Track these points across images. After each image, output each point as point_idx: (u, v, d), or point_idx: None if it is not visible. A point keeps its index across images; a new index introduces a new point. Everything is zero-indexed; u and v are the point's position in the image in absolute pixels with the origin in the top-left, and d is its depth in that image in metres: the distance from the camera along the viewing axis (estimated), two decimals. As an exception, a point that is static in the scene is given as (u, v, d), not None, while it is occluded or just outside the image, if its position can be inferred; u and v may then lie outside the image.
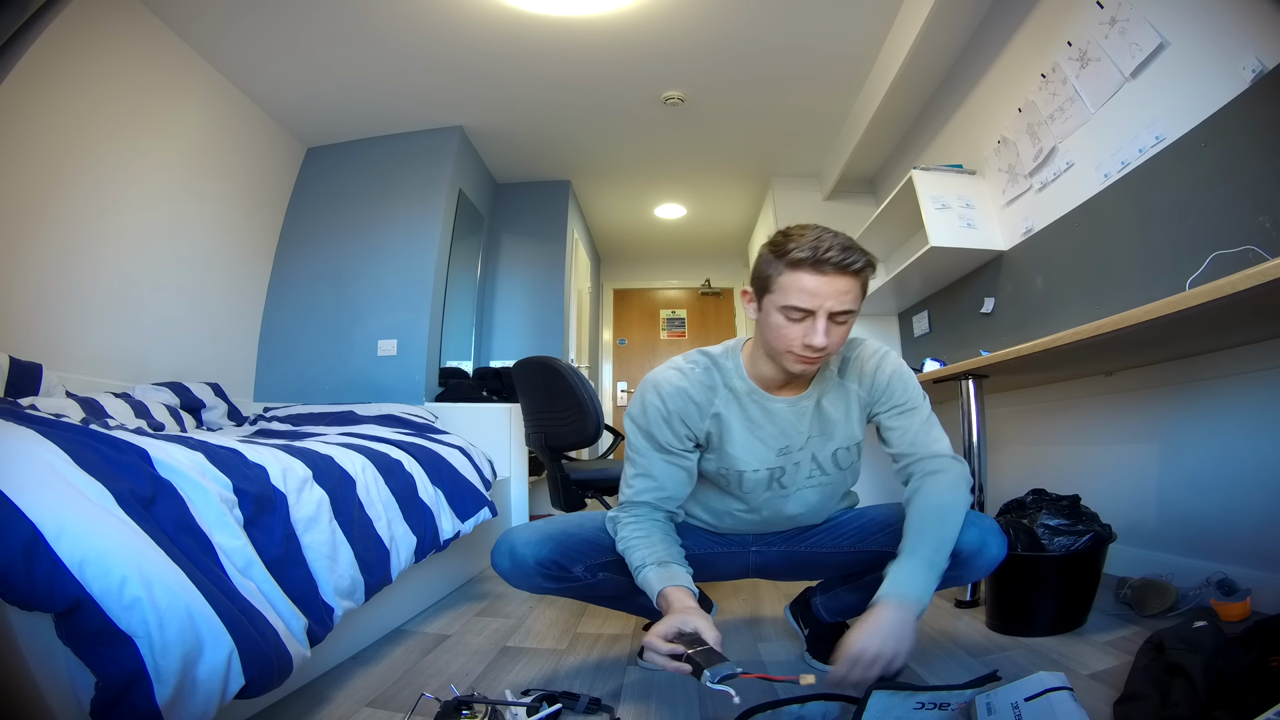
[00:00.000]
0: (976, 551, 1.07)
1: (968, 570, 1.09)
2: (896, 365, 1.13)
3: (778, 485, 1.13)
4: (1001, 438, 2.29)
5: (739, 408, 1.09)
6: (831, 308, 0.95)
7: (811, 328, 0.96)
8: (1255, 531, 1.40)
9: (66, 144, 2.06)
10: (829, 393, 1.12)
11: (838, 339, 0.99)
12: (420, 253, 3.18)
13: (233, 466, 1.06)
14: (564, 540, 1.13)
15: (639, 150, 3.75)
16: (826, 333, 0.96)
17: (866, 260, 0.97)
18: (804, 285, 0.95)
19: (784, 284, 0.97)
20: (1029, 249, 2.24)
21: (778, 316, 0.98)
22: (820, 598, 1.30)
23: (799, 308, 0.95)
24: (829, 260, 0.93)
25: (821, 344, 0.96)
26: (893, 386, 1.11)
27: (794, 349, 0.98)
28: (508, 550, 1.12)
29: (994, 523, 1.13)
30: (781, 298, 0.97)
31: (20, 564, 0.67)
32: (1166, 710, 0.83)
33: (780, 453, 1.11)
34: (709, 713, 1.05)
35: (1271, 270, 0.86)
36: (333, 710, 1.07)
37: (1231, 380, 1.48)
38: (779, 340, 1.00)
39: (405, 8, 2.43)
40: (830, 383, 1.12)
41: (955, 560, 1.04)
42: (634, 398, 1.13)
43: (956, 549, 1.03)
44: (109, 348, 2.22)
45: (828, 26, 2.58)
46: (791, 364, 1.01)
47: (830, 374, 1.13)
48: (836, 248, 0.94)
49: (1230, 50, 1.41)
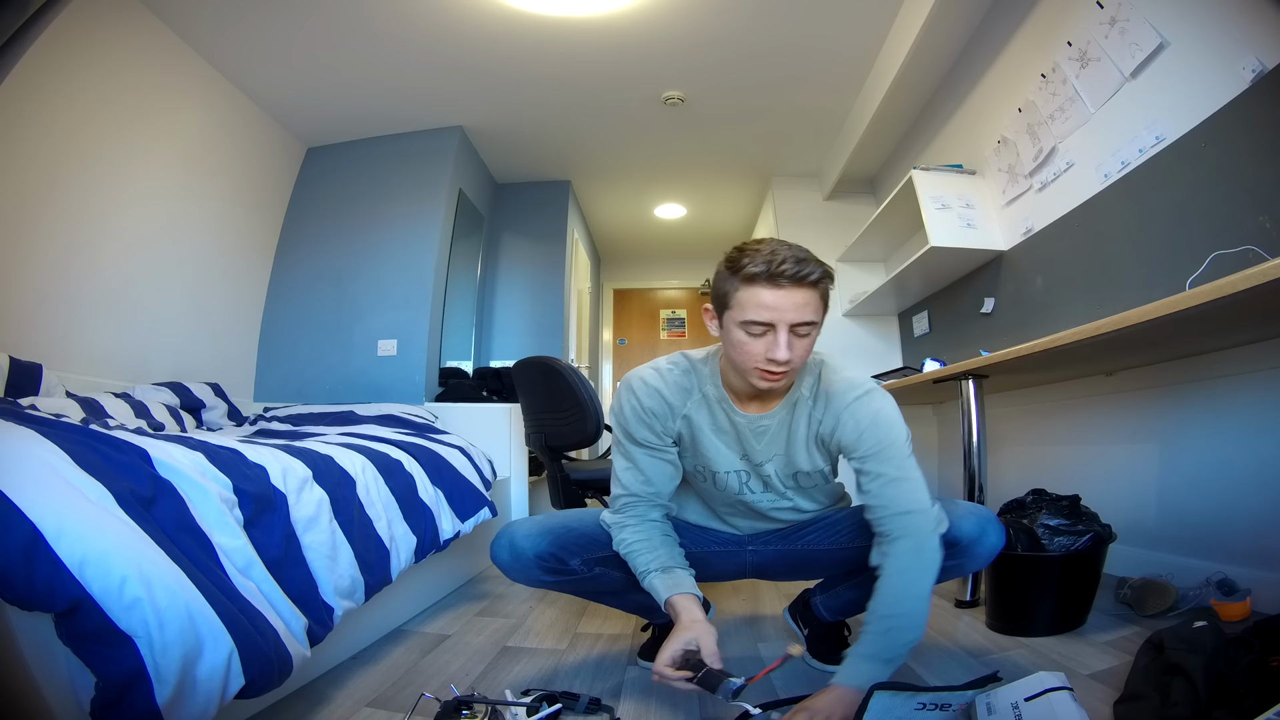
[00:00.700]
0: (976, 539, 1.09)
1: (968, 559, 1.10)
2: (872, 415, 1.03)
3: (748, 489, 1.16)
4: (1001, 438, 2.29)
5: (708, 412, 1.12)
6: (791, 319, 0.94)
7: (773, 342, 0.95)
8: (1255, 531, 1.40)
9: (66, 144, 2.06)
10: (797, 416, 1.09)
11: (801, 352, 0.98)
12: (420, 253, 3.18)
13: (233, 466, 1.06)
14: (563, 534, 1.15)
15: (639, 150, 3.75)
16: (789, 346, 0.95)
17: (823, 271, 0.96)
18: (761, 300, 0.94)
19: (741, 300, 0.96)
20: (1029, 249, 2.24)
21: (738, 333, 0.97)
22: (820, 597, 1.30)
23: (758, 321, 0.95)
24: (784, 274, 0.93)
25: (784, 358, 0.95)
26: (864, 439, 1.03)
27: (759, 364, 0.98)
28: (508, 542, 1.14)
29: (991, 513, 1.15)
30: (740, 313, 0.96)
31: (20, 564, 0.67)
32: (1166, 710, 0.83)
33: (743, 458, 1.13)
34: (709, 713, 1.06)
35: (1271, 270, 0.86)
36: (333, 710, 1.07)
37: (1231, 380, 1.48)
38: (743, 357, 0.99)
39: (405, 7, 2.43)
40: (800, 407, 1.09)
41: (955, 550, 1.06)
42: (615, 395, 1.16)
43: (956, 539, 1.06)
44: (109, 348, 2.22)
45: (828, 26, 2.58)
46: (757, 380, 1.00)
47: (803, 397, 1.09)
48: (791, 260, 0.93)
49: (1230, 50, 1.41)
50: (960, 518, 1.09)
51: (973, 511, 1.12)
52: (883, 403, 1.05)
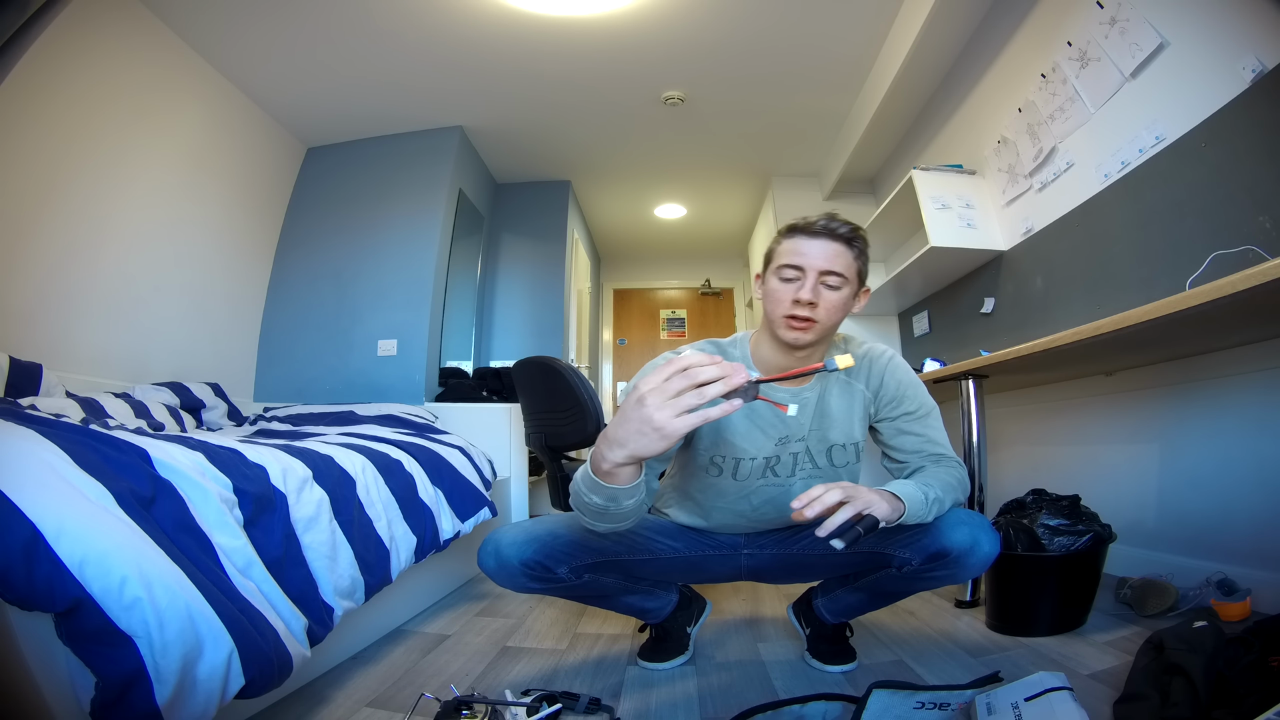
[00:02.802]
0: (968, 550, 1.04)
1: (960, 569, 1.07)
2: (907, 371, 1.18)
3: (771, 474, 1.14)
4: (1001, 438, 2.29)
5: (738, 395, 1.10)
6: (820, 266, 1.02)
7: (801, 285, 1.02)
8: (1255, 531, 1.40)
9: (66, 144, 2.06)
10: (832, 389, 1.14)
11: (827, 306, 1.03)
12: (420, 253, 3.17)
13: (233, 466, 1.06)
14: (549, 541, 1.13)
15: (639, 150, 3.75)
16: (814, 292, 1.02)
17: (852, 228, 1.05)
18: (794, 247, 1.05)
19: (779, 251, 1.08)
20: (1029, 249, 2.24)
21: (773, 281, 1.07)
22: (821, 599, 1.30)
23: (790, 265, 1.04)
24: (814, 226, 1.04)
25: (808, 298, 1.01)
26: (904, 394, 1.15)
27: (786, 310, 1.04)
28: (493, 550, 1.13)
29: (985, 520, 1.12)
30: (776, 262, 1.07)
31: (20, 564, 0.67)
32: (1166, 710, 0.83)
33: (778, 442, 1.12)
34: (709, 712, 1.05)
35: (1271, 270, 0.86)
36: (333, 710, 1.07)
37: (1231, 380, 1.48)
38: (774, 305, 1.06)
39: (405, 7, 2.43)
40: (837, 379, 1.14)
41: (946, 560, 1.05)
42: (645, 367, 1.02)
43: (947, 549, 1.04)
44: (109, 348, 2.22)
45: (828, 26, 2.58)
46: (784, 330, 1.05)
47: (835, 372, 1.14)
48: (824, 217, 1.05)
49: (1230, 50, 1.41)
50: (951, 527, 1.05)
51: (965, 521, 1.07)
52: (907, 365, 1.19)
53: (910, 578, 1.10)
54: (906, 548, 1.08)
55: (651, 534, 1.22)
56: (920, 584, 1.12)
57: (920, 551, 1.06)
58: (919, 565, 1.07)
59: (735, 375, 0.69)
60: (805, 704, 1.01)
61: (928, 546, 1.06)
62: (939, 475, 1.10)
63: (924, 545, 1.06)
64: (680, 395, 0.69)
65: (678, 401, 0.69)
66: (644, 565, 1.21)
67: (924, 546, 1.06)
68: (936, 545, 1.05)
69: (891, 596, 1.21)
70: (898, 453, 1.17)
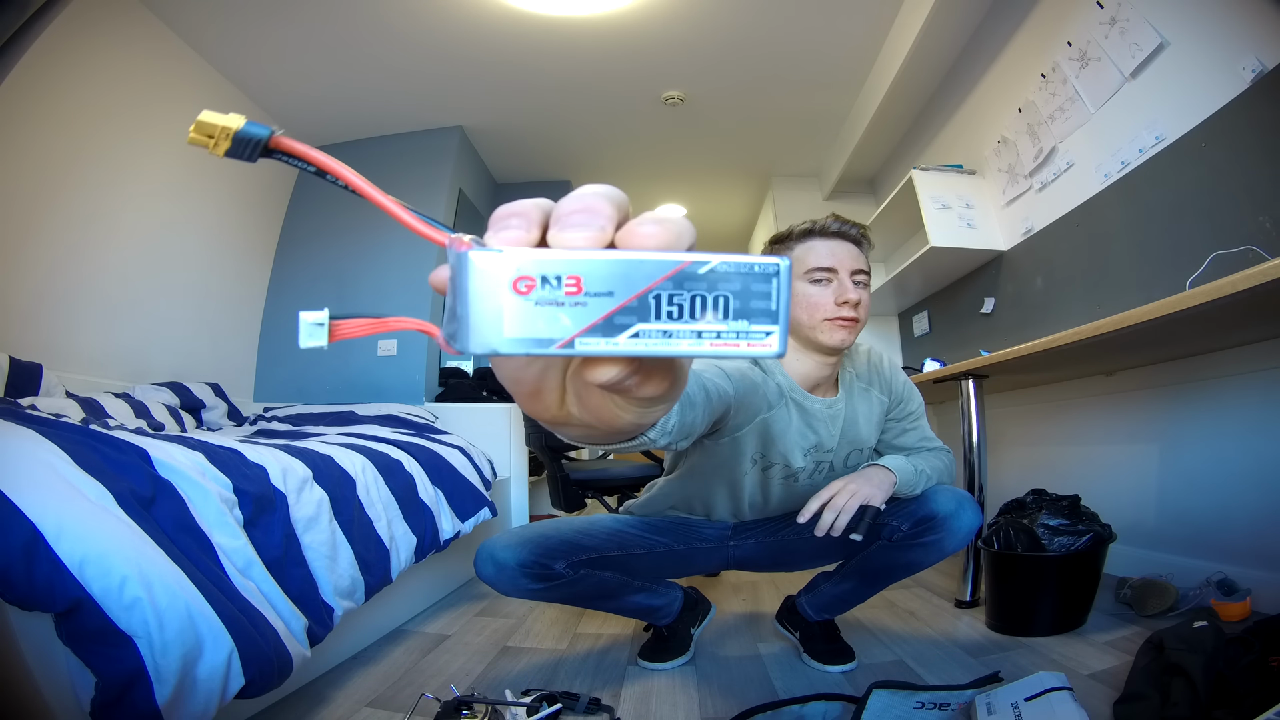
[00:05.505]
0: (952, 513, 1.09)
1: (946, 533, 1.08)
2: (907, 378, 1.23)
3: (792, 479, 1.15)
4: (1001, 438, 2.29)
5: (784, 406, 1.09)
6: (851, 266, 1.03)
7: (840, 285, 1.02)
8: (1255, 531, 1.40)
9: (66, 144, 2.06)
10: (855, 398, 1.16)
11: (865, 304, 1.05)
12: (420, 253, 3.17)
13: (233, 466, 1.06)
14: (542, 542, 1.14)
15: (639, 150, 3.74)
16: (855, 290, 1.03)
17: (862, 229, 1.07)
18: (819, 250, 1.03)
19: (799, 255, 1.05)
20: (1029, 249, 2.24)
21: (802, 286, 1.04)
22: (805, 597, 1.31)
23: (822, 267, 1.02)
24: (829, 228, 1.04)
25: (855, 297, 1.02)
26: (908, 395, 1.19)
27: (828, 314, 1.02)
28: (489, 556, 1.13)
29: (969, 495, 1.18)
30: (801, 267, 1.04)
31: (20, 564, 0.67)
32: (1166, 710, 0.83)
33: (806, 453, 1.12)
34: (709, 713, 1.05)
35: (1271, 270, 0.86)
36: (333, 710, 1.07)
37: (1231, 380, 1.48)
38: (812, 311, 1.03)
39: (405, 7, 2.43)
40: (855, 388, 1.16)
41: (933, 523, 1.08)
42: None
43: (933, 513, 1.08)
44: (109, 348, 2.22)
45: (828, 26, 2.57)
46: (828, 334, 1.03)
47: (852, 378, 1.17)
48: (832, 219, 1.05)
49: (1230, 50, 1.41)
50: (937, 494, 1.12)
51: (949, 491, 1.14)
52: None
53: (900, 547, 1.11)
54: (895, 515, 1.11)
55: (641, 531, 1.24)
56: (909, 554, 1.11)
57: (908, 517, 1.10)
58: (908, 530, 1.09)
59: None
60: (805, 704, 1.01)
61: (915, 512, 1.10)
62: (928, 458, 1.17)
63: (911, 510, 1.10)
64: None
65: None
66: (636, 560, 1.22)
67: (911, 512, 1.10)
68: (924, 510, 1.09)
69: (879, 578, 1.20)
70: (897, 446, 1.22)
